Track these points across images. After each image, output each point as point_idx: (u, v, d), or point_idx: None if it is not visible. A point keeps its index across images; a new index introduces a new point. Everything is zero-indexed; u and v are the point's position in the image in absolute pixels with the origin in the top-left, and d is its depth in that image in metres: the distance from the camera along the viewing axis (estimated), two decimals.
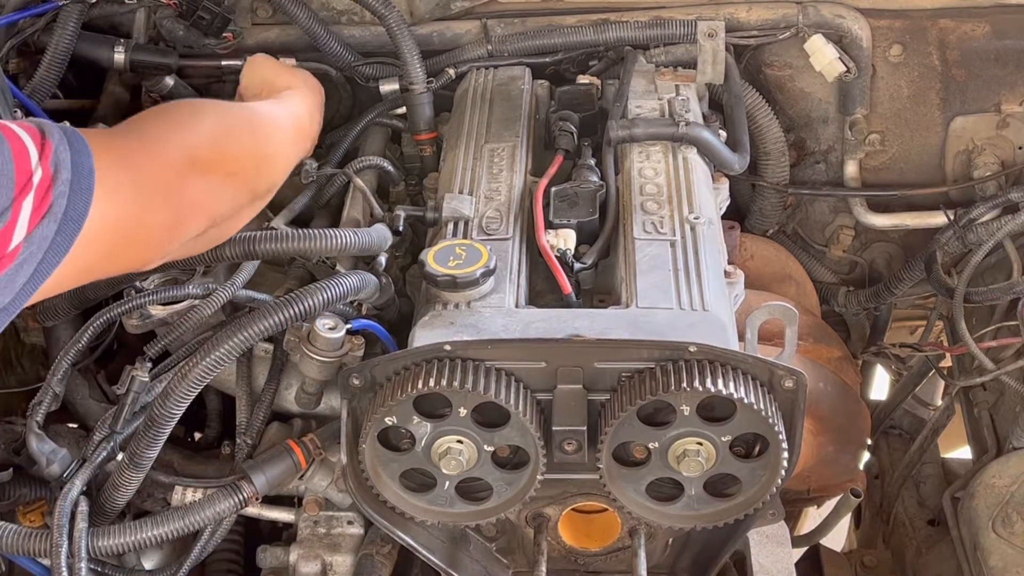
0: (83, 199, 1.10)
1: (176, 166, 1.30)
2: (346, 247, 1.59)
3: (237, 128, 1.48)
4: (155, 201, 1.25)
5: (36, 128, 1.09)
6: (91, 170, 1.12)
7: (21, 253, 1.04)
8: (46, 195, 1.06)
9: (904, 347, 2.37)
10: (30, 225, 1.05)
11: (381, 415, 1.43)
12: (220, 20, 2.07)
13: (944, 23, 2.19)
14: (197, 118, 1.42)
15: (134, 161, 1.24)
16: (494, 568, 1.71)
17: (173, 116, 1.41)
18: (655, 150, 1.81)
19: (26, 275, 1.06)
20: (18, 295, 1.06)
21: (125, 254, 1.27)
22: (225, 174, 1.41)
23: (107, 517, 1.58)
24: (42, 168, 1.06)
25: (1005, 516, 1.92)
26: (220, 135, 1.42)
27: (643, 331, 1.45)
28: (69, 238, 1.09)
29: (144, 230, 1.26)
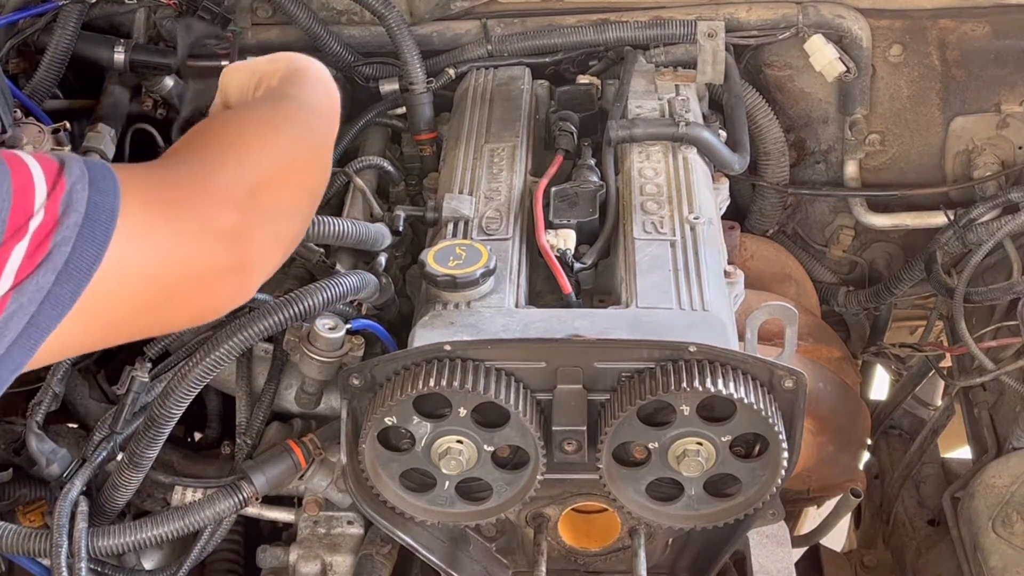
0: (94, 246, 0.96)
1: (234, 201, 1.10)
2: (343, 235, 1.59)
3: (300, 137, 1.27)
4: (206, 246, 1.07)
5: (56, 162, 0.97)
6: (112, 213, 0.97)
7: (8, 306, 0.92)
8: (44, 241, 0.94)
9: (904, 347, 2.37)
10: (19, 275, 0.92)
11: (381, 415, 1.43)
12: (220, 20, 2.07)
13: (944, 23, 2.19)
14: (258, 135, 1.21)
15: (176, 199, 1.06)
16: (494, 568, 1.71)
17: (229, 135, 1.20)
18: (655, 150, 1.81)
19: (15, 331, 0.94)
20: (9, 352, 0.94)
21: (170, 308, 1.09)
22: (293, 196, 1.22)
23: (107, 517, 1.58)
24: (46, 210, 0.94)
25: (1005, 516, 1.92)
26: (287, 152, 1.21)
27: (643, 331, 1.45)
28: (73, 290, 0.96)
29: (194, 280, 1.08)
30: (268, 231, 1.14)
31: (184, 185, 1.08)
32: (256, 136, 1.19)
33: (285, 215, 1.18)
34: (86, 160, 0.99)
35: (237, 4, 2.14)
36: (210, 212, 1.07)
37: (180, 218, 1.05)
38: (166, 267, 1.04)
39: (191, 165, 1.12)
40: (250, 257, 1.12)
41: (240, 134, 1.19)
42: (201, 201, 1.08)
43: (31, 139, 1.66)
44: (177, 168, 1.11)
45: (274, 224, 1.15)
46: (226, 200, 1.09)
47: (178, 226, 1.04)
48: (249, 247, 1.11)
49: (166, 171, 1.11)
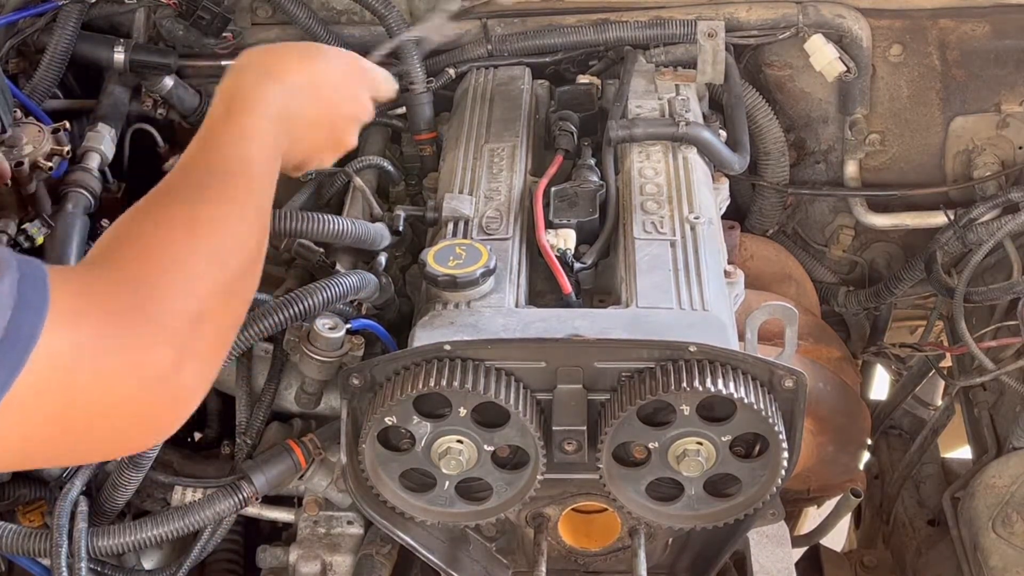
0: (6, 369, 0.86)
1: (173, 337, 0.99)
2: (342, 233, 1.59)
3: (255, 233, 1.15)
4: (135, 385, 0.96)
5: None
6: (31, 337, 0.87)
7: None
8: None
9: (904, 347, 2.37)
10: None
11: (381, 415, 1.43)
12: (220, 20, 2.07)
13: (944, 23, 2.19)
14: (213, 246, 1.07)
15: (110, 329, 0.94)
16: (494, 568, 1.71)
17: (178, 243, 1.05)
18: (655, 150, 1.81)
19: None
20: None
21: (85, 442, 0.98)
22: (235, 315, 1.11)
23: (107, 517, 1.58)
24: None
25: (1005, 516, 1.92)
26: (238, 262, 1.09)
27: (643, 331, 1.45)
28: None
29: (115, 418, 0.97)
30: (204, 364, 1.04)
31: (122, 311, 0.96)
32: (205, 242, 1.06)
33: (224, 342, 1.08)
34: (21, 264, 0.89)
35: (237, 4, 2.14)
36: (146, 350, 0.96)
37: (111, 351, 0.94)
38: (85, 401, 0.93)
39: (132, 285, 0.99)
40: (181, 396, 1.01)
41: (188, 236, 1.05)
42: (138, 336, 0.96)
43: (31, 139, 1.66)
44: (117, 287, 0.98)
45: (211, 356, 1.05)
46: (164, 336, 0.98)
47: (108, 360, 0.94)
48: (181, 386, 1.00)
49: (106, 288, 0.98)
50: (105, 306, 0.95)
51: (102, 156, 1.79)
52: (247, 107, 1.24)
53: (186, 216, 1.07)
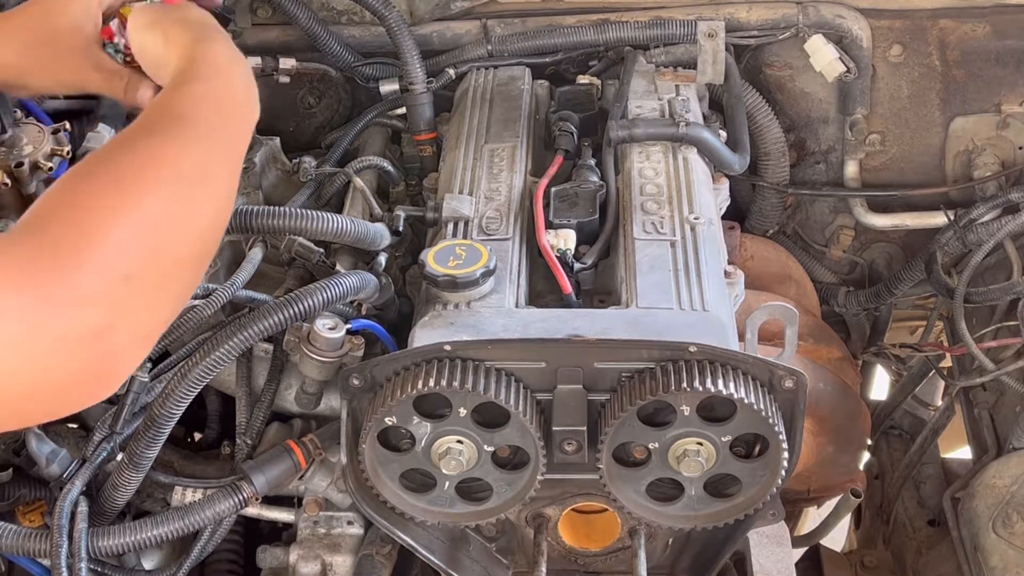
0: None
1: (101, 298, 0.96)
2: (341, 232, 1.59)
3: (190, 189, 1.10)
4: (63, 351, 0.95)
5: None
6: None
7: None
8: None
9: (904, 347, 2.37)
10: None
11: (381, 415, 1.43)
12: (220, 20, 2.06)
13: (944, 23, 2.19)
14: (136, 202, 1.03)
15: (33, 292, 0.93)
16: (494, 568, 1.71)
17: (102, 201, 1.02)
18: (655, 150, 1.81)
19: None
20: None
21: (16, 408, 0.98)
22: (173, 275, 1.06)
23: (107, 517, 1.58)
24: None
25: (1005, 516, 1.92)
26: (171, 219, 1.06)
27: (643, 331, 1.45)
28: None
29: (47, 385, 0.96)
30: (137, 325, 1.01)
31: (44, 274, 0.93)
32: (134, 204, 1.02)
33: (159, 303, 1.04)
34: None
35: (237, 4, 2.14)
36: (72, 313, 0.94)
37: (36, 315, 0.92)
38: (13, 368, 0.92)
39: (56, 248, 0.96)
40: (114, 359, 0.99)
41: (115, 200, 1.02)
42: (63, 299, 0.94)
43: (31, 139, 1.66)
44: (39, 250, 0.95)
45: (147, 315, 1.02)
46: (91, 298, 0.95)
47: (33, 325, 0.92)
48: (113, 349, 0.98)
49: (27, 251, 0.95)
50: (25, 270, 0.93)
51: None
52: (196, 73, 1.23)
53: (111, 177, 1.04)
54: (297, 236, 1.61)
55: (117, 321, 0.97)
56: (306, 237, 1.61)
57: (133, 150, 1.09)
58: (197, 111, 1.17)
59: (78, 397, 1.01)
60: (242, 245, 1.72)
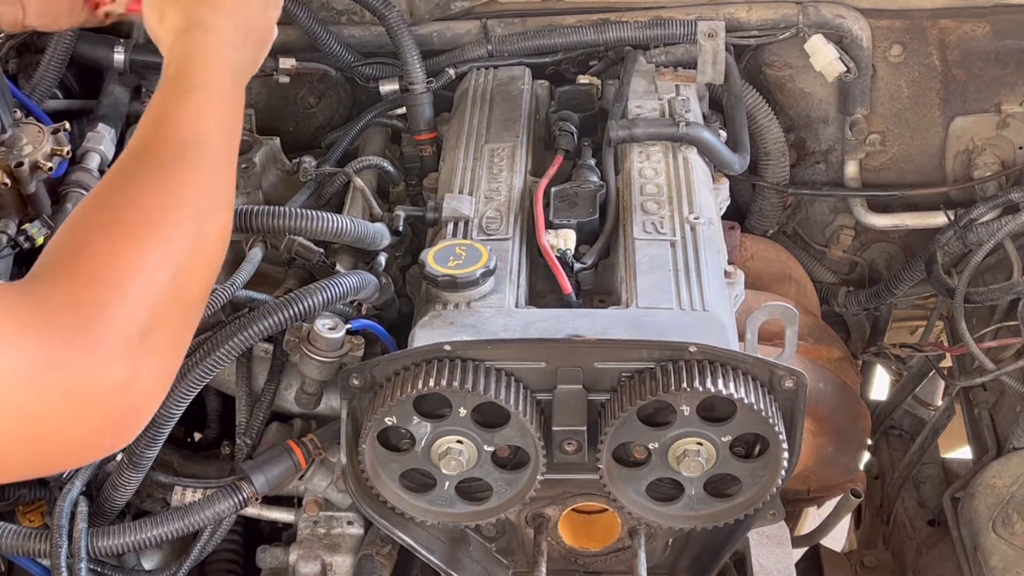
0: None
1: (125, 350, 0.95)
2: (341, 232, 1.59)
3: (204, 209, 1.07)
4: (88, 404, 0.93)
5: None
6: None
7: None
8: None
9: (904, 347, 2.37)
10: None
11: (381, 415, 1.43)
12: None
13: (944, 23, 2.19)
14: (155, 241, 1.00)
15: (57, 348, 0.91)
16: (494, 568, 1.71)
17: (119, 247, 0.99)
18: (655, 150, 1.81)
19: None
20: None
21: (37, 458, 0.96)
22: (189, 314, 1.05)
23: (107, 517, 1.58)
24: None
25: (1005, 516, 1.92)
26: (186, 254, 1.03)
27: (643, 331, 1.45)
28: None
29: (68, 437, 0.95)
30: (159, 373, 1.00)
31: (65, 334, 0.91)
32: (153, 253, 1.00)
33: (178, 347, 1.04)
34: None
35: None
36: (94, 370, 0.92)
37: (56, 374, 0.90)
38: (30, 423, 0.91)
39: (75, 302, 0.93)
40: (136, 410, 0.99)
41: (134, 249, 0.99)
42: (85, 356, 0.92)
43: (31, 139, 1.66)
44: (59, 307, 0.93)
45: (165, 365, 1.01)
46: (113, 354, 0.94)
47: (53, 383, 0.90)
48: (135, 401, 0.97)
49: (48, 308, 0.93)
50: (47, 328, 0.91)
51: (102, 156, 1.79)
52: (198, 82, 1.18)
53: (132, 220, 1.01)
54: (297, 236, 1.61)
55: (139, 374, 0.96)
56: (306, 237, 1.61)
57: (145, 190, 1.05)
58: (204, 132, 1.13)
59: (100, 448, 1.00)
60: (242, 245, 1.72)
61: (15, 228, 1.61)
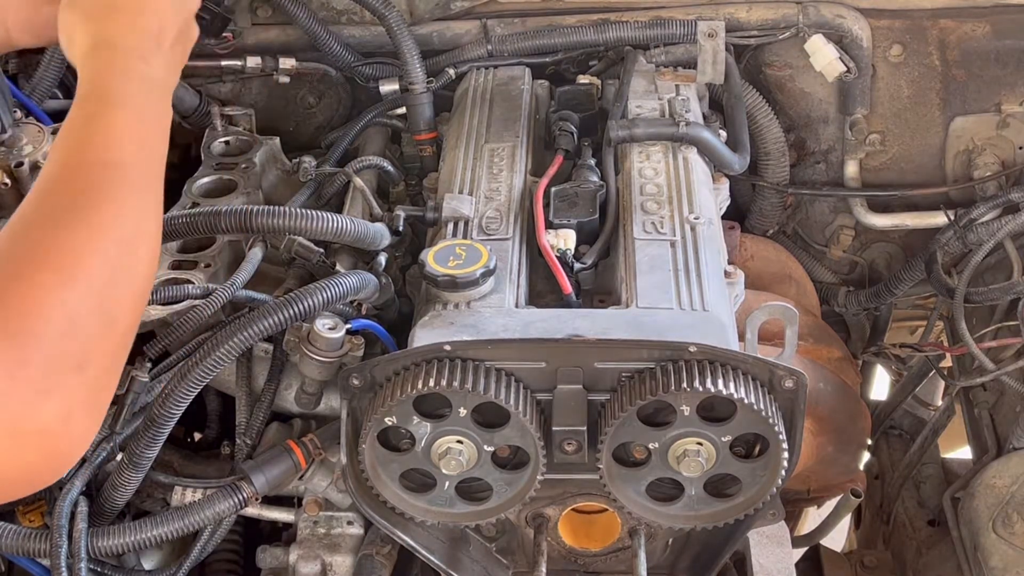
0: None
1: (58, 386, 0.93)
2: (341, 232, 1.59)
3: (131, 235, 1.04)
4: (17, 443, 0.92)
5: None
6: None
7: None
8: None
9: (904, 347, 2.37)
10: None
11: (381, 415, 1.43)
12: (220, 20, 2.07)
13: (944, 23, 2.19)
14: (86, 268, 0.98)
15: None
16: (494, 568, 1.71)
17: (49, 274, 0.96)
18: (655, 150, 1.81)
19: None
20: None
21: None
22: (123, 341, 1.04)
23: (107, 517, 1.58)
24: None
25: (1005, 516, 1.92)
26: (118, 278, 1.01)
27: (643, 331, 1.45)
28: None
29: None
30: (91, 410, 0.97)
31: (4, 363, 0.89)
32: (80, 282, 0.97)
33: (113, 377, 1.02)
34: None
35: (237, 4, 2.14)
36: (34, 402, 0.90)
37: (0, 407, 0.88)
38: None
39: (9, 333, 0.91)
40: (69, 446, 0.96)
41: (59, 278, 0.96)
42: (25, 388, 0.90)
43: (31, 139, 1.66)
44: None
45: (98, 399, 0.99)
46: (52, 384, 0.92)
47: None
48: (70, 436, 0.95)
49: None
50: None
51: None
52: (109, 100, 1.13)
53: (53, 257, 0.98)
54: (297, 236, 1.61)
55: (74, 410, 0.94)
56: (306, 237, 1.61)
57: (65, 222, 1.01)
58: (119, 153, 1.08)
59: (35, 484, 0.98)
60: (242, 245, 1.72)
61: None
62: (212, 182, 1.90)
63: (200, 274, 1.68)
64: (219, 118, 2.04)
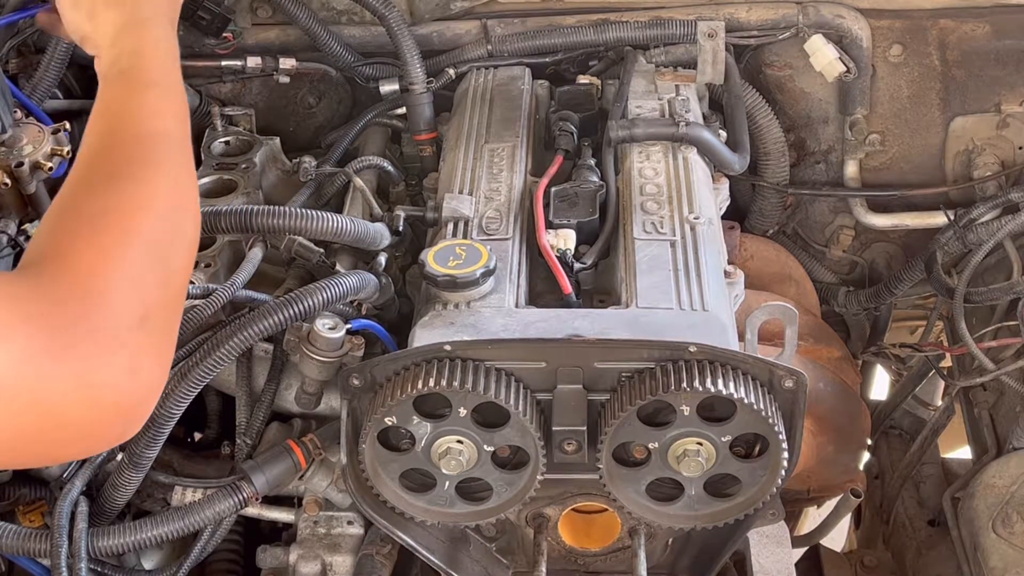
0: None
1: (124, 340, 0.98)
2: (342, 232, 1.59)
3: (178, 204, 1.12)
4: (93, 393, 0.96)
5: None
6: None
7: None
8: None
9: (904, 347, 2.37)
10: None
11: (381, 415, 1.43)
12: (220, 20, 2.07)
13: (944, 23, 2.19)
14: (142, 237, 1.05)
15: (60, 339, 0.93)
16: (494, 568, 1.71)
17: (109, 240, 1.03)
18: (655, 150, 1.81)
19: None
20: None
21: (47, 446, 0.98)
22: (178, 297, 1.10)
23: (107, 517, 1.58)
24: None
25: (1005, 516, 1.92)
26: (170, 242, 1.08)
27: (643, 331, 1.45)
28: None
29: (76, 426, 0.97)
30: (159, 358, 1.03)
31: (65, 325, 0.94)
32: (138, 239, 1.04)
33: (172, 332, 1.07)
34: None
35: (237, 4, 2.14)
36: (96, 362, 0.95)
37: (57, 365, 0.92)
38: (33, 415, 0.92)
39: (71, 295, 0.96)
40: (141, 395, 1.01)
41: (120, 238, 1.03)
42: (91, 342, 0.94)
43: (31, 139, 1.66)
44: (56, 299, 0.95)
45: (162, 349, 1.04)
46: (118, 338, 0.97)
47: (54, 375, 0.92)
48: (139, 387, 0.99)
49: (45, 299, 0.94)
50: (51, 318, 0.93)
51: None
52: (147, 76, 1.23)
53: (113, 222, 1.05)
54: (297, 236, 1.61)
55: (141, 360, 0.99)
56: (306, 237, 1.61)
57: (122, 185, 1.08)
58: (164, 126, 1.18)
59: (109, 437, 1.03)
60: (242, 245, 1.72)
61: (15, 228, 1.61)
62: (212, 182, 1.90)
63: (200, 274, 1.68)
64: (219, 118, 2.04)
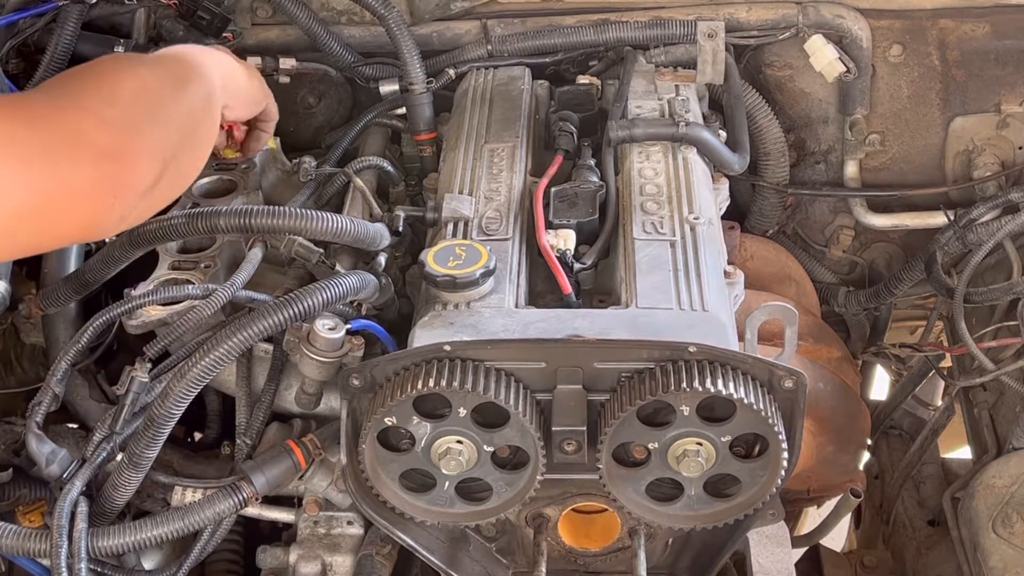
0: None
1: (108, 117, 1.15)
2: (342, 232, 1.59)
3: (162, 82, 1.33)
4: (79, 162, 1.10)
5: None
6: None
7: None
8: None
9: (904, 347, 2.37)
10: None
11: (381, 415, 1.43)
12: (220, 20, 2.07)
13: (944, 23, 2.19)
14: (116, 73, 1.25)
15: (45, 115, 1.10)
16: (494, 568, 1.71)
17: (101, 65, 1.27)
18: (655, 150, 1.81)
19: None
20: None
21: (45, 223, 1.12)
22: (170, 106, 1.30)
23: (107, 517, 1.58)
24: None
25: (1005, 516, 1.92)
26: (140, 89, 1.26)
27: (643, 331, 1.45)
28: None
29: (68, 197, 1.11)
30: (156, 152, 1.20)
31: (55, 104, 1.12)
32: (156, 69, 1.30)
33: (162, 123, 1.24)
34: None
35: (237, 4, 2.15)
36: (82, 128, 1.11)
37: (50, 131, 1.08)
38: (36, 182, 1.06)
39: (62, 87, 1.16)
40: (128, 172, 1.15)
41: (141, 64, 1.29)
42: (72, 117, 1.11)
43: None
44: (47, 90, 1.16)
45: (165, 141, 1.22)
46: (98, 117, 1.13)
47: (47, 138, 1.07)
48: (125, 162, 1.15)
49: (35, 92, 1.16)
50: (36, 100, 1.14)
51: None
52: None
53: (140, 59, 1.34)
54: (297, 236, 1.61)
55: (128, 137, 1.15)
56: (306, 237, 1.61)
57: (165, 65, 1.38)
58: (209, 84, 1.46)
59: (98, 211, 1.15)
60: (242, 245, 1.72)
61: None
62: (212, 182, 1.90)
63: (200, 274, 1.68)
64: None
